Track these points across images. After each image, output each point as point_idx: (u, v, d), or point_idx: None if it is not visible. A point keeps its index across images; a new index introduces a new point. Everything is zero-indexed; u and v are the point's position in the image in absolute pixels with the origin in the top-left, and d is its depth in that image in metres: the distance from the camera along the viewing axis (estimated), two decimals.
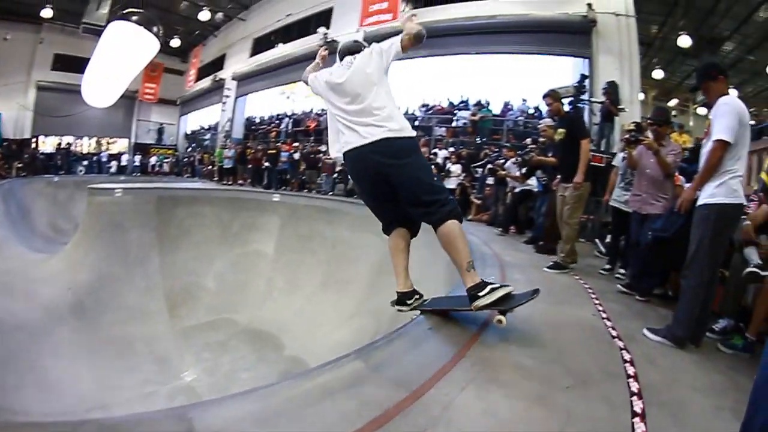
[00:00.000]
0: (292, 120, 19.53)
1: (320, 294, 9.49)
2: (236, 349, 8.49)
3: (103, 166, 23.89)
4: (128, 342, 8.31)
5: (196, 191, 12.49)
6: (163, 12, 20.59)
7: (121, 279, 9.74)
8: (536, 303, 3.32)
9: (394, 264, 3.38)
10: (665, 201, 4.27)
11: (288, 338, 8.58)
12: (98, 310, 8.92)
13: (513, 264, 5.29)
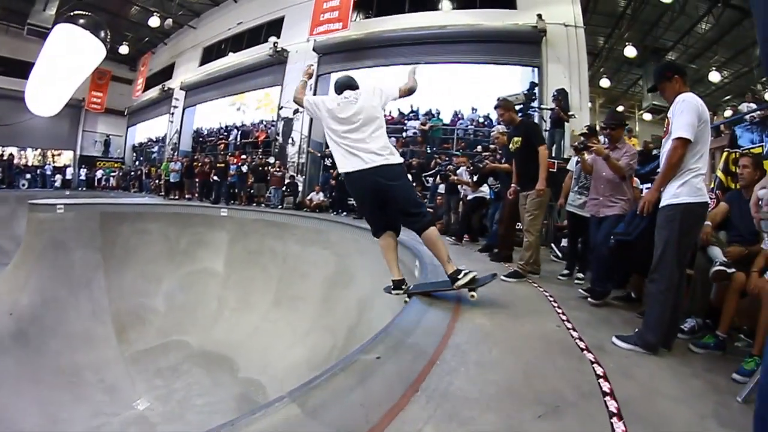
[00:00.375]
0: (241, 132, 19.12)
1: (273, 312, 9.24)
2: (189, 373, 8.21)
3: (48, 179, 22.68)
4: (76, 371, 7.99)
5: (142, 207, 12.01)
6: (113, 17, 19.80)
7: (66, 303, 9.27)
8: (496, 316, 3.31)
9: (388, 259, 4.05)
10: (623, 202, 4.21)
11: (242, 359, 8.35)
12: (43, 338, 8.52)
13: None
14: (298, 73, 14.59)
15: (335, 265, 8.87)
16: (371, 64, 13.92)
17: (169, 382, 7.94)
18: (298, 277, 9.41)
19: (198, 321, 9.73)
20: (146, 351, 8.86)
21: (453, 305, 3.53)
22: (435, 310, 3.36)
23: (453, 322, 3.07)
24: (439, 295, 3.75)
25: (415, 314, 3.25)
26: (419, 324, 3.02)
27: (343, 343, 7.03)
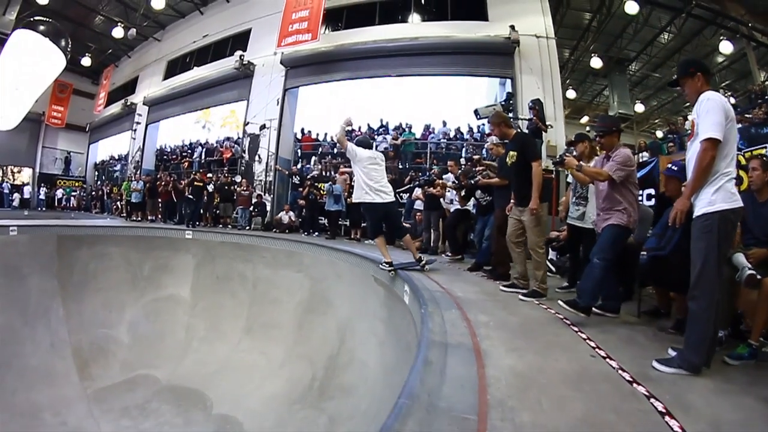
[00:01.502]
0: (205, 149, 18.52)
1: (245, 340, 8.80)
2: (158, 411, 7.57)
3: (5, 198, 21.85)
4: (34, 411, 7.28)
5: (101, 229, 11.31)
6: (76, 26, 19.26)
7: (21, 334, 8.61)
8: (523, 353, 2.94)
9: (382, 249, 6.02)
10: (618, 213, 3.89)
11: (215, 394, 7.77)
12: None
13: (469, 301, 4.49)
14: (264, 87, 14.47)
15: (310, 290, 8.53)
16: (341, 77, 13.75)
17: (138, 422, 7.32)
18: (270, 303, 9.00)
19: (165, 353, 9.14)
20: (111, 388, 8.22)
21: (467, 337, 3.22)
22: (454, 350, 2.95)
23: (482, 368, 2.66)
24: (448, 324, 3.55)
25: (435, 357, 2.81)
26: (444, 374, 2.57)
27: (324, 374, 6.73)
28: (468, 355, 2.89)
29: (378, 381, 5.27)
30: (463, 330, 3.40)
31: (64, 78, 20.36)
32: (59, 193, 22.96)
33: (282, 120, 14.29)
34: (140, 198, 14.49)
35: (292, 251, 9.47)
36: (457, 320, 3.69)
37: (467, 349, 2.99)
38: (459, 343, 3.10)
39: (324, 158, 14.55)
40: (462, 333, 3.33)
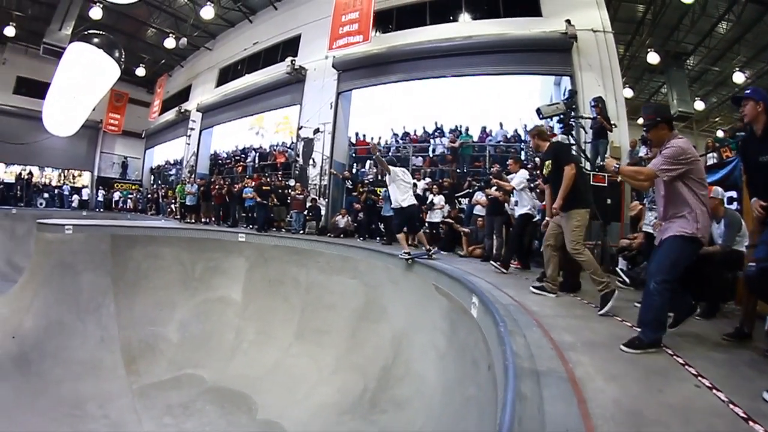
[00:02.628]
0: (258, 154, 18.84)
1: (296, 346, 8.61)
2: (202, 412, 7.44)
3: (65, 199, 22.87)
4: (79, 403, 7.31)
5: (155, 230, 11.44)
6: (129, 38, 20.10)
7: (71, 328, 8.82)
8: (622, 381, 2.59)
9: (403, 243, 7.51)
10: (681, 220, 3.28)
11: (262, 398, 7.58)
12: (45, 364, 7.96)
13: (547, 316, 4.01)
14: (317, 91, 14.40)
15: (365, 296, 8.26)
16: (395, 79, 13.47)
17: (180, 421, 7.25)
18: (323, 309, 8.78)
19: (213, 353, 9.09)
20: (156, 384, 8.22)
21: (557, 362, 2.85)
22: (546, 379, 2.59)
23: (583, 404, 2.29)
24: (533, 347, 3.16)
25: (528, 390, 2.45)
26: (543, 412, 2.23)
27: (376, 386, 6.43)
28: (563, 385, 2.52)
29: (436, 397, 4.99)
30: (550, 353, 3.03)
31: (119, 88, 21.50)
32: (116, 196, 23.84)
33: (336, 124, 14.16)
34: (194, 201, 14.74)
35: (347, 256, 9.24)
36: (541, 341, 3.29)
37: (561, 379, 2.61)
38: (550, 370, 2.73)
39: None
40: (550, 357, 2.96)
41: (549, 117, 8.67)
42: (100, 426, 6.91)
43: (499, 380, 2.97)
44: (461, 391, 4.30)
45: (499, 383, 2.91)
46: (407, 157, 13.98)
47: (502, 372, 2.91)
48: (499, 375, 2.97)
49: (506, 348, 2.99)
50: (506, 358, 2.84)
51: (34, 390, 7.39)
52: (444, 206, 9.93)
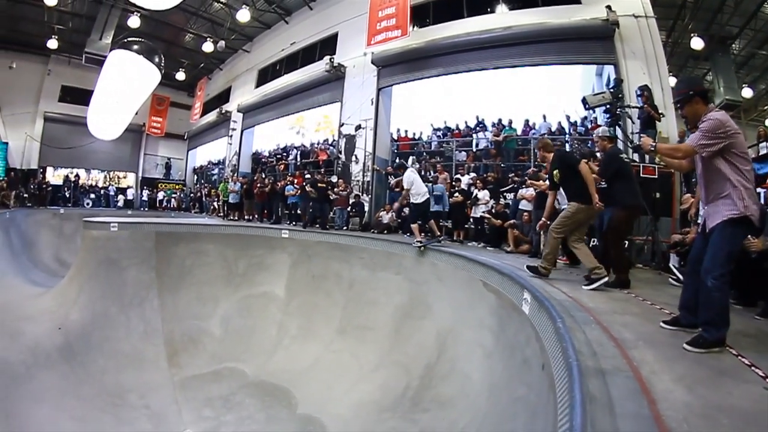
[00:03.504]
0: (300, 152, 19.04)
1: (338, 341, 8.58)
2: (242, 405, 7.58)
3: (111, 199, 23.89)
4: (121, 392, 7.55)
5: (199, 227, 11.68)
6: (168, 45, 20.81)
7: (116, 321, 9.14)
8: (693, 386, 2.41)
9: (416, 233, 8.47)
10: (727, 203, 3.01)
11: (302, 393, 7.60)
12: (90, 355, 8.28)
13: (604, 313, 3.83)
14: (357, 88, 14.41)
15: (409, 293, 8.12)
16: (435, 74, 13.29)
17: (220, 413, 7.37)
18: (366, 305, 8.71)
19: (255, 348, 9.19)
20: (197, 377, 8.37)
21: (621, 361, 2.71)
22: (612, 379, 2.46)
23: (653, 405, 2.17)
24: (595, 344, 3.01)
25: (596, 389, 2.34)
26: (614, 414, 2.12)
27: (419, 384, 6.33)
28: (631, 385, 2.39)
29: (482, 397, 4.88)
30: (613, 351, 2.88)
31: (160, 92, 22.37)
32: (160, 195, 24.70)
33: (377, 120, 14.12)
34: (237, 199, 15.01)
35: (391, 252, 9.13)
36: (601, 338, 3.13)
37: (628, 378, 2.47)
38: (615, 369, 2.59)
39: (422, 158, 14.22)
40: (613, 355, 2.81)
41: (595, 107, 8.38)
42: (140, 415, 7.09)
43: (558, 379, 2.83)
44: (509, 391, 4.19)
45: (559, 383, 2.78)
46: (450, 152, 13.77)
47: (560, 371, 2.81)
48: (558, 374, 2.84)
49: (567, 345, 2.87)
50: (569, 356, 2.72)
51: (78, 379, 7.63)
52: (489, 201, 9.72)
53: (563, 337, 3.01)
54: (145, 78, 13.22)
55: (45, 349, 8.05)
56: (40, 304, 10.00)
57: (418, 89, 15.04)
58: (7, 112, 21.93)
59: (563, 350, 2.86)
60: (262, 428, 6.86)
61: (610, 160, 5.42)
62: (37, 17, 19.17)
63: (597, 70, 13.07)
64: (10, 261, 14.39)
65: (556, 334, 3.18)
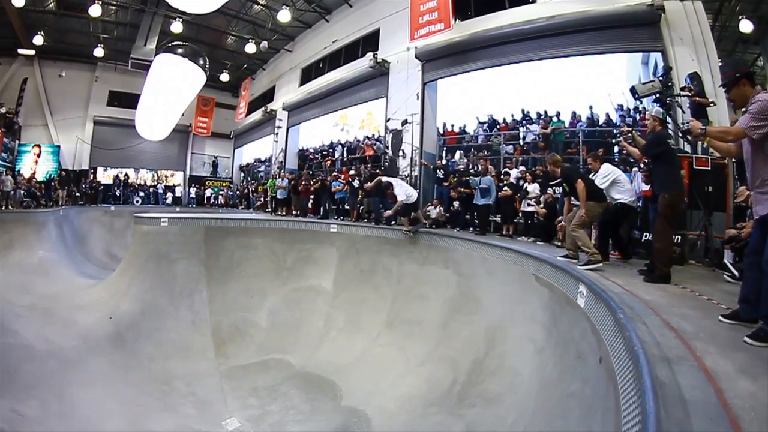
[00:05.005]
0: (346, 148, 19.23)
1: (385, 335, 8.61)
2: (287, 395, 7.68)
3: (160, 197, 24.89)
4: (167, 380, 7.87)
5: (247, 222, 12.00)
6: (211, 48, 21.41)
7: (165, 311, 9.47)
8: (757, 377, 2.38)
9: (407, 224, 9.60)
10: None
11: (347, 386, 7.70)
12: (139, 343, 8.69)
13: (662, 305, 3.76)
14: (402, 83, 14.37)
15: (458, 287, 8.07)
16: (479, 66, 13.03)
17: (265, 403, 7.49)
18: (415, 299, 8.71)
19: (302, 340, 9.35)
20: (244, 367, 8.61)
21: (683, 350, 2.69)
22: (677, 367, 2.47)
23: (719, 394, 2.16)
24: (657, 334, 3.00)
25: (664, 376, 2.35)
26: (684, 401, 2.13)
27: (467, 379, 6.28)
28: (697, 374, 2.38)
29: (531, 393, 4.82)
30: (675, 342, 2.85)
31: (205, 93, 23.12)
32: (208, 192, 25.52)
33: (424, 114, 14.04)
34: (285, 195, 15.27)
35: (440, 246, 9.10)
36: (663, 329, 3.09)
37: (693, 367, 2.46)
38: (679, 358, 2.57)
39: (469, 152, 14.06)
40: (676, 345, 2.79)
41: (644, 96, 8.03)
42: (186, 401, 7.31)
43: (619, 370, 2.83)
44: (562, 387, 4.16)
45: (621, 373, 2.78)
46: (498, 146, 13.54)
47: (623, 361, 2.80)
48: (620, 364, 2.84)
49: (631, 334, 2.84)
50: (634, 344, 2.70)
51: (127, 365, 7.96)
52: (539, 195, 9.52)
53: (625, 327, 2.98)
54: (190, 80, 13.58)
55: (96, 336, 8.45)
56: (92, 295, 10.53)
57: (464, 83, 14.87)
58: (58, 117, 23.43)
59: (626, 340, 2.84)
60: (306, 419, 6.94)
61: (656, 142, 5.28)
62: (83, 28, 20.46)
63: (643, 58, 12.58)
64: (64, 255, 15.19)
65: (617, 325, 3.15)
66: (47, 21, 19.90)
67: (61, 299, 10.32)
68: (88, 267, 15.72)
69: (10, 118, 21.27)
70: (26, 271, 12.54)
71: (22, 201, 16.74)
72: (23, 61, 22.28)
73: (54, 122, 23.39)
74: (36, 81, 22.89)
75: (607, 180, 6.35)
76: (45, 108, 23.20)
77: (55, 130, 23.38)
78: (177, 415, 6.91)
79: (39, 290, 11.04)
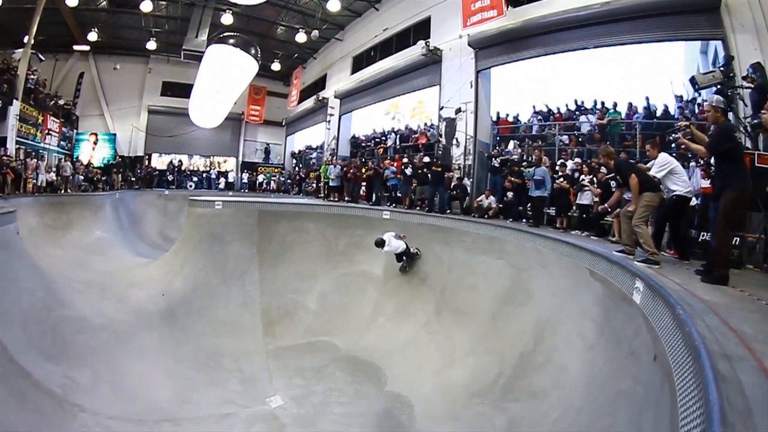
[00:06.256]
0: (399, 135, 19.31)
1: (433, 323, 8.56)
2: (332, 377, 7.80)
3: (213, 182, 25.89)
4: (215, 356, 8.13)
5: (300, 206, 12.19)
6: (261, 38, 21.75)
7: (216, 291, 9.77)
8: None
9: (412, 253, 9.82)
10: None
11: (392, 372, 7.72)
12: (189, 319, 8.95)
13: (720, 306, 3.64)
14: (455, 71, 14.27)
15: (510, 279, 7.93)
16: (533, 54, 12.73)
17: (309, 383, 7.61)
18: (465, 289, 8.62)
19: (350, 324, 9.44)
20: (291, 348, 8.74)
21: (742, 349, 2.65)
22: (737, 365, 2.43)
23: None
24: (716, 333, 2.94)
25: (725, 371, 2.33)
26: (746, 396, 2.13)
27: (512, 372, 6.17)
28: (756, 373, 2.35)
29: (578, 390, 4.71)
30: (735, 341, 2.79)
31: (257, 82, 23.75)
32: (260, 178, 26.33)
33: (478, 103, 13.86)
34: (338, 181, 15.54)
35: (493, 236, 8.92)
36: (722, 329, 3.03)
37: (753, 367, 2.42)
38: (739, 357, 2.53)
39: (523, 142, 13.85)
40: (735, 344, 2.74)
41: (705, 87, 7.60)
42: (232, 378, 7.55)
43: (677, 366, 2.81)
44: (611, 385, 4.09)
45: (678, 370, 2.77)
46: (552, 137, 13.28)
47: (681, 357, 2.78)
48: (678, 361, 2.82)
49: (692, 329, 2.84)
50: (694, 339, 2.70)
51: (176, 340, 8.29)
52: (596, 187, 9.12)
53: (684, 323, 2.95)
54: (242, 69, 13.85)
55: (148, 311, 8.81)
56: (146, 273, 11.00)
57: (518, 71, 14.61)
58: (114, 107, 25.22)
59: (685, 335, 2.82)
60: (349, 401, 7.02)
61: (724, 136, 4.95)
62: (135, 24, 21.69)
63: (701, 47, 11.83)
64: (120, 235, 16.16)
65: (676, 321, 3.12)
66: (100, 18, 21.25)
67: (116, 276, 10.84)
68: (142, 247, 16.59)
69: (68, 110, 22.90)
70: (84, 250, 13.34)
71: (80, 185, 17.92)
72: (79, 56, 23.92)
73: (110, 112, 25.15)
74: (92, 74, 24.61)
75: (664, 169, 5.95)
76: (101, 99, 24.95)
77: (111, 119, 25.13)
78: (223, 390, 7.16)
79: (95, 267, 11.67)
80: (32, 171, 15.31)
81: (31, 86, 18.11)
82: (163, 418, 6.06)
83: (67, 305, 7.99)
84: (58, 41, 21.70)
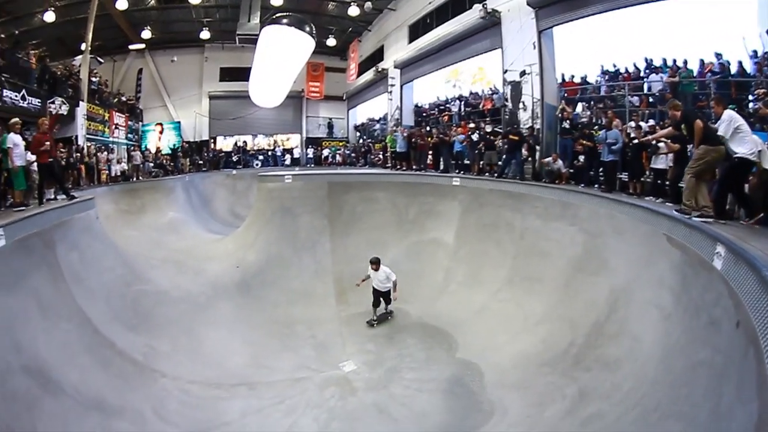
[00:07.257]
0: (464, 102, 19.05)
1: (504, 291, 8.54)
2: (403, 343, 7.93)
3: (278, 159, 26.87)
4: (289, 323, 8.49)
5: (369, 176, 12.55)
6: (313, 15, 21.91)
7: (289, 261, 10.25)
8: None
9: None
10: None
11: (463, 339, 7.78)
12: (263, 290, 9.46)
13: None
14: (516, 33, 13.81)
15: (583, 246, 7.76)
16: (596, 10, 11.89)
17: (382, 349, 7.75)
18: (537, 256, 8.53)
19: (421, 291, 9.53)
20: (363, 314, 8.86)
21: None
22: None
23: None
24: None
25: None
26: None
27: (584, 341, 6.12)
28: None
29: (652, 361, 4.64)
30: None
31: (314, 59, 23.67)
32: (325, 152, 26.95)
33: (542, 65, 13.30)
34: (405, 147, 15.47)
35: (567, 202, 8.73)
36: None
37: None
38: None
39: (591, 104, 13.36)
40: None
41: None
42: (305, 344, 7.90)
43: (763, 331, 2.81)
44: (687, 355, 4.05)
45: (765, 333, 2.76)
46: (622, 98, 12.61)
47: (766, 322, 2.77)
48: (764, 325, 2.81)
49: None
50: None
51: (251, 309, 8.80)
52: None
53: None
54: (299, 47, 13.96)
55: (224, 283, 9.40)
56: (220, 248, 11.66)
57: (582, 29, 13.65)
58: (175, 97, 26.75)
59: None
60: (420, 367, 7.14)
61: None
62: (186, 17, 22.85)
63: None
64: (192, 215, 17.19)
65: (762, 284, 3.06)
66: (151, 16, 22.40)
67: (191, 252, 11.53)
68: (214, 225, 17.56)
69: (132, 104, 24.42)
70: (159, 230, 14.30)
71: (150, 172, 19.26)
72: (135, 54, 25.34)
73: (172, 102, 26.74)
74: (150, 69, 26.10)
75: (729, 127, 5.65)
76: (162, 91, 26.53)
77: (173, 108, 26.75)
78: (296, 355, 7.44)
79: (171, 245, 12.47)
80: (104, 163, 16.58)
81: (95, 87, 19.44)
82: (239, 383, 6.44)
83: (146, 280, 8.68)
84: (114, 43, 23.06)
